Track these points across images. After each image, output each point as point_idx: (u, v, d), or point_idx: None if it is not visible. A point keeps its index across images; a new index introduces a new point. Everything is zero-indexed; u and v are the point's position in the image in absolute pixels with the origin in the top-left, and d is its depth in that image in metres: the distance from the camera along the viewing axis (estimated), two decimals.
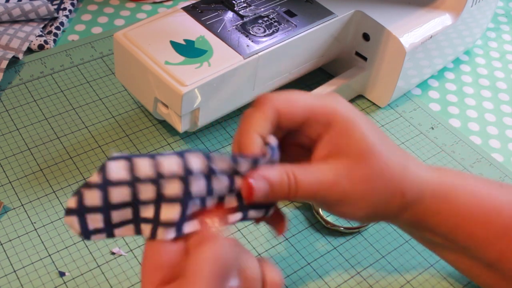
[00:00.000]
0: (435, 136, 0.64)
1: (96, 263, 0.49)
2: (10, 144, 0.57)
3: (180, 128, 0.54)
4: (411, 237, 0.48)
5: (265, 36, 0.56)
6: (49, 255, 0.49)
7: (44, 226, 0.51)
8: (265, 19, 0.58)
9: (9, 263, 0.48)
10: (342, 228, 0.53)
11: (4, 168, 0.55)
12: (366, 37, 0.62)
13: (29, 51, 0.68)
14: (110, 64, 0.67)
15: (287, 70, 0.59)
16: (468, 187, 0.44)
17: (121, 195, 0.33)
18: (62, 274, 0.48)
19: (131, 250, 0.50)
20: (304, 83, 0.67)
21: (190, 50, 0.54)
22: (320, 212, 0.53)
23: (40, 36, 0.68)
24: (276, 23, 0.58)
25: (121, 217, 0.34)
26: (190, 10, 0.58)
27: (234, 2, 0.59)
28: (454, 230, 0.43)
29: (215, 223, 0.36)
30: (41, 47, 0.68)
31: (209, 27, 0.56)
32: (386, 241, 0.53)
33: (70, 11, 0.73)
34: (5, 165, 0.56)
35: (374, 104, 0.67)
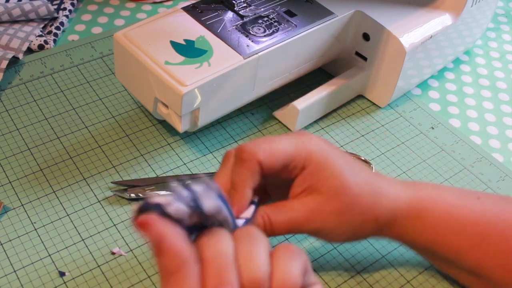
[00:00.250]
0: (435, 136, 0.64)
1: (96, 263, 0.49)
2: (10, 144, 0.57)
3: (180, 128, 0.54)
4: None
5: (265, 36, 0.56)
6: (49, 255, 0.49)
7: (44, 226, 0.51)
8: (265, 19, 0.58)
9: (9, 263, 0.48)
10: None
11: (4, 168, 0.55)
12: (366, 37, 0.62)
13: (29, 51, 0.68)
14: (110, 64, 0.67)
15: (287, 70, 0.59)
16: (440, 201, 0.46)
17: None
18: (62, 274, 0.48)
19: (131, 250, 0.50)
20: (304, 83, 0.67)
21: (190, 50, 0.54)
22: None
23: (40, 36, 0.68)
24: (276, 23, 0.58)
25: None
26: (190, 10, 0.58)
27: (234, 2, 0.59)
28: (431, 243, 0.46)
29: None
30: (41, 47, 0.68)
31: (209, 27, 0.56)
32: (386, 241, 0.53)
33: (70, 11, 0.73)
34: (5, 165, 0.56)
35: (374, 104, 0.67)
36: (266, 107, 0.64)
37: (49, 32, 0.70)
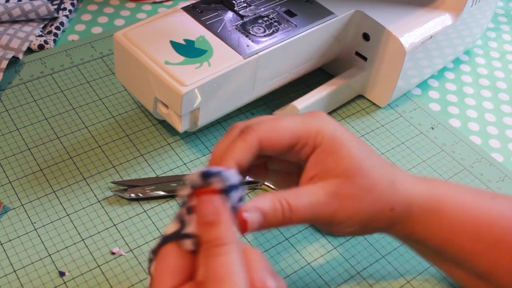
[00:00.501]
0: (435, 136, 0.64)
1: (96, 263, 0.49)
2: (10, 144, 0.57)
3: (180, 128, 0.54)
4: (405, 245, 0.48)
5: (265, 36, 0.56)
6: (49, 255, 0.49)
7: (44, 226, 0.51)
8: (265, 19, 0.58)
9: (9, 263, 0.48)
10: None
11: (4, 168, 0.55)
12: (366, 37, 0.62)
13: (29, 51, 0.68)
14: (110, 64, 0.67)
15: (287, 70, 0.59)
16: (458, 200, 0.44)
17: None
18: (62, 274, 0.48)
19: (131, 250, 0.50)
20: (304, 83, 0.67)
21: (190, 50, 0.54)
22: None
23: (40, 36, 0.68)
24: (276, 23, 0.58)
25: None
26: (190, 10, 0.58)
27: (234, 2, 0.59)
28: (444, 243, 0.44)
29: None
30: (41, 47, 0.68)
31: (209, 27, 0.56)
32: (386, 241, 0.53)
33: (70, 11, 0.73)
34: (5, 165, 0.56)
35: (374, 104, 0.67)
36: (266, 107, 0.64)
37: (49, 32, 0.70)
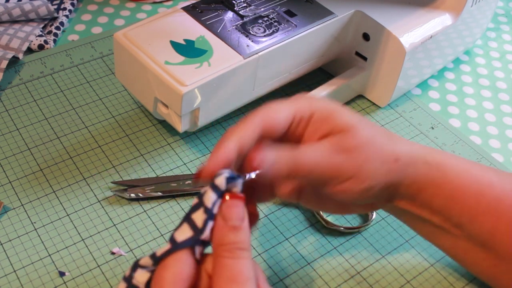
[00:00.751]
0: (435, 136, 0.64)
1: (96, 263, 0.49)
2: (10, 144, 0.57)
3: (180, 128, 0.54)
4: (409, 227, 0.49)
5: (265, 36, 0.56)
6: (49, 255, 0.49)
7: (44, 226, 0.51)
8: (265, 19, 0.58)
9: (9, 263, 0.48)
10: (342, 228, 0.53)
11: (4, 168, 0.55)
12: (366, 37, 0.62)
13: (29, 51, 0.68)
14: (110, 64, 0.67)
15: (287, 70, 0.59)
16: (459, 162, 0.46)
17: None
18: (62, 274, 0.48)
19: (131, 250, 0.50)
20: (304, 83, 0.67)
21: (190, 50, 0.54)
22: (320, 212, 0.53)
23: (40, 36, 0.68)
24: (276, 23, 0.58)
25: None
26: (190, 10, 0.58)
27: (234, 2, 0.59)
28: (449, 202, 0.44)
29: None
30: (41, 47, 0.68)
31: (209, 27, 0.56)
32: (386, 241, 0.53)
33: (70, 11, 0.73)
34: (5, 165, 0.56)
35: (374, 104, 0.67)
36: None
37: (49, 32, 0.70)
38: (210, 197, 0.36)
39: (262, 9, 0.59)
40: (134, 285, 0.36)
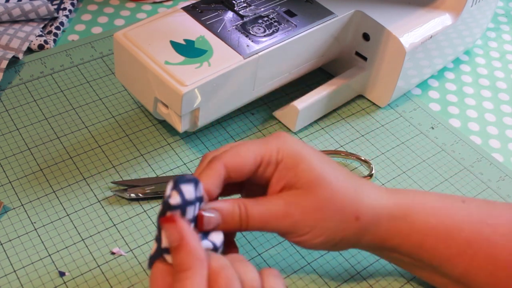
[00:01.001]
0: (435, 136, 0.64)
1: (96, 263, 0.49)
2: (10, 144, 0.57)
3: (180, 128, 0.54)
4: (381, 258, 0.48)
5: (265, 36, 0.56)
6: (49, 255, 0.49)
7: (44, 226, 0.51)
8: (265, 19, 0.58)
9: (9, 263, 0.48)
10: None
11: (4, 168, 0.55)
12: (366, 37, 0.62)
13: (29, 51, 0.68)
14: (110, 64, 0.67)
15: (287, 70, 0.59)
16: (427, 206, 0.44)
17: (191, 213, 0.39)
18: (62, 274, 0.48)
19: (131, 250, 0.50)
20: (304, 83, 0.67)
21: (190, 50, 0.54)
22: None
23: (40, 36, 0.68)
24: (276, 23, 0.58)
25: None
26: (190, 10, 0.58)
27: (234, 2, 0.59)
28: (417, 248, 0.44)
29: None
30: (41, 47, 0.68)
31: (209, 27, 0.56)
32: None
33: (70, 11, 0.73)
34: (5, 165, 0.56)
35: (374, 104, 0.67)
36: (266, 107, 0.64)
37: (49, 32, 0.70)
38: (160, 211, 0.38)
39: (262, 9, 0.59)
40: None
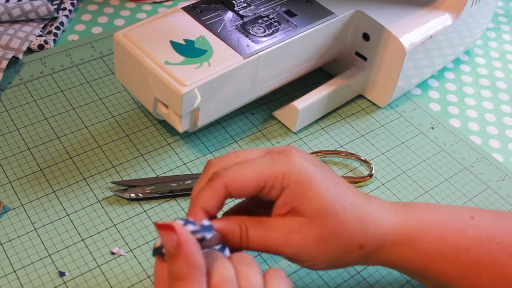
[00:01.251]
0: (435, 136, 0.64)
1: (96, 263, 0.49)
2: (10, 144, 0.57)
3: (180, 128, 0.54)
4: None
5: (265, 36, 0.56)
6: (49, 255, 0.49)
7: (44, 226, 0.51)
8: (265, 19, 0.58)
9: (9, 263, 0.48)
10: None
11: (4, 168, 0.55)
12: (366, 37, 0.62)
13: (29, 51, 0.68)
14: (110, 64, 0.67)
15: (287, 70, 0.59)
16: (435, 228, 0.43)
17: None
18: (62, 274, 0.48)
19: (131, 250, 0.50)
20: (304, 83, 0.67)
21: (190, 50, 0.54)
22: None
23: (40, 36, 0.68)
24: (276, 23, 0.58)
25: None
26: (190, 10, 0.58)
27: (234, 2, 0.59)
28: (423, 269, 0.43)
29: None
30: (41, 47, 0.68)
31: (209, 27, 0.56)
32: None
33: (70, 11, 0.73)
34: (5, 165, 0.56)
35: (374, 104, 0.67)
36: (266, 107, 0.64)
37: (49, 32, 0.70)
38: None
39: (262, 9, 0.59)
40: None
